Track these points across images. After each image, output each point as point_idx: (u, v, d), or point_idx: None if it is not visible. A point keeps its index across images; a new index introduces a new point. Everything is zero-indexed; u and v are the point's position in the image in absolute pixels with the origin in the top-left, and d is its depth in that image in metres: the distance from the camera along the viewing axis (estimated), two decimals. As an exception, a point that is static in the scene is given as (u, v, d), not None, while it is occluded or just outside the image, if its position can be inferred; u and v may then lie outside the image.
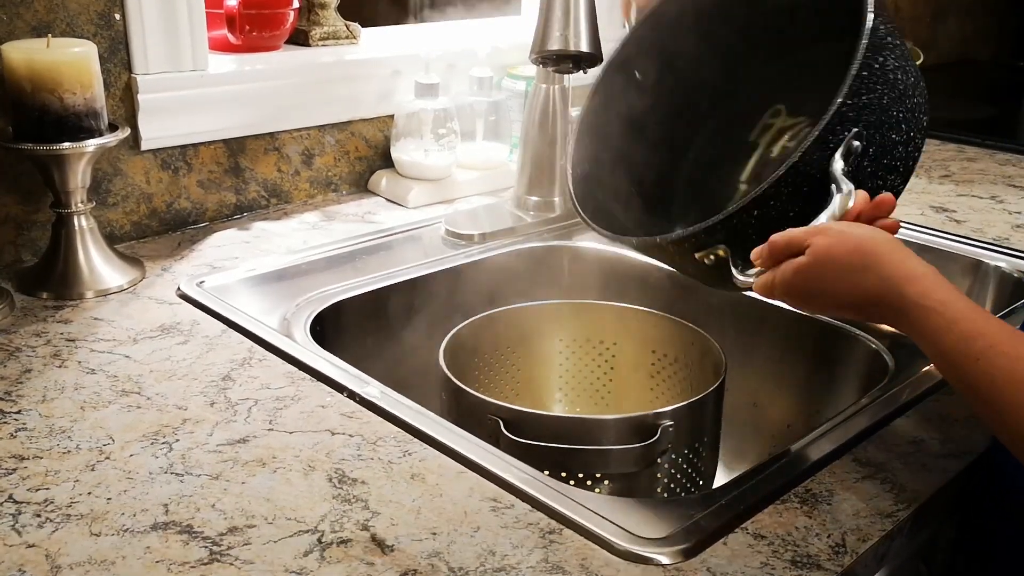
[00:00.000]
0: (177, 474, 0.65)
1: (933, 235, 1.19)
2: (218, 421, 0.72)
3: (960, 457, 0.71)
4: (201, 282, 0.96)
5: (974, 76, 1.56)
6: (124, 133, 0.95)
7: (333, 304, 0.94)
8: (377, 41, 1.30)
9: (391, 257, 1.06)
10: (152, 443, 0.69)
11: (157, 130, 1.06)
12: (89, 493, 0.63)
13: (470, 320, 0.91)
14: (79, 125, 0.90)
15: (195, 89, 1.08)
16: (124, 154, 1.05)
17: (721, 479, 0.90)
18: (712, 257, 0.72)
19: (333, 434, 0.71)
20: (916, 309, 0.61)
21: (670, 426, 0.76)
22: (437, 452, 0.69)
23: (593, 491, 0.75)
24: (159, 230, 1.10)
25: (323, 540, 0.59)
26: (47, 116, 0.89)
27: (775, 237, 0.67)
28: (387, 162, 1.29)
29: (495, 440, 0.74)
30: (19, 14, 0.95)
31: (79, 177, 0.92)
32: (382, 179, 1.26)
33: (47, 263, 0.94)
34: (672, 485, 0.80)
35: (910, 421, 0.76)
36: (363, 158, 1.28)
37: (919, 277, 0.62)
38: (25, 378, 0.77)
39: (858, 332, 0.92)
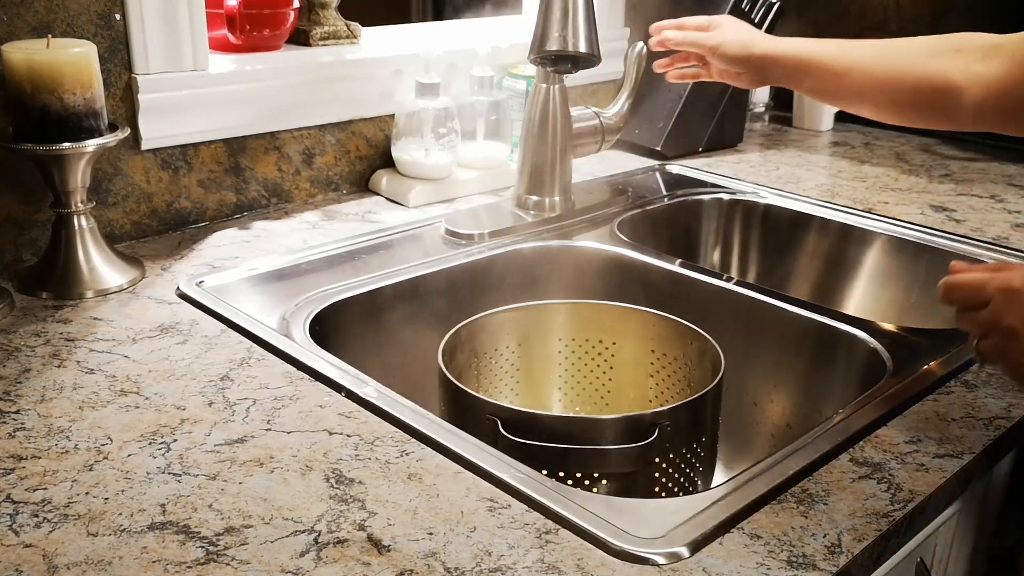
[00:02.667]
0: (175, 474, 0.65)
1: (933, 235, 1.19)
2: (216, 421, 0.72)
3: (957, 457, 0.71)
4: (200, 282, 0.96)
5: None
6: (124, 133, 0.95)
7: (332, 304, 0.94)
8: (378, 41, 1.30)
9: (391, 257, 1.06)
10: (150, 443, 0.69)
11: (157, 130, 1.06)
12: (87, 493, 0.63)
13: (470, 320, 0.91)
14: (79, 125, 0.90)
15: (195, 89, 1.08)
16: (124, 154, 1.05)
17: (720, 478, 0.90)
18: None
19: (331, 434, 0.71)
20: None
21: (668, 426, 0.76)
22: (434, 452, 0.69)
23: (591, 491, 0.75)
24: (159, 230, 1.10)
25: (320, 540, 0.59)
26: (47, 116, 0.89)
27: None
28: (388, 161, 1.29)
29: (493, 440, 0.75)
30: (19, 14, 0.95)
31: (79, 177, 0.92)
32: (383, 178, 1.27)
33: (47, 263, 0.94)
34: (670, 485, 0.80)
35: (907, 421, 0.76)
36: (364, 157, 1.28)
37: None
38: (24, 378, 0.77)
39: (856, 332, 0.92)
